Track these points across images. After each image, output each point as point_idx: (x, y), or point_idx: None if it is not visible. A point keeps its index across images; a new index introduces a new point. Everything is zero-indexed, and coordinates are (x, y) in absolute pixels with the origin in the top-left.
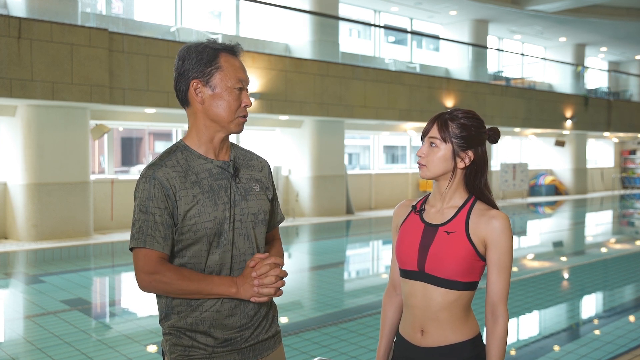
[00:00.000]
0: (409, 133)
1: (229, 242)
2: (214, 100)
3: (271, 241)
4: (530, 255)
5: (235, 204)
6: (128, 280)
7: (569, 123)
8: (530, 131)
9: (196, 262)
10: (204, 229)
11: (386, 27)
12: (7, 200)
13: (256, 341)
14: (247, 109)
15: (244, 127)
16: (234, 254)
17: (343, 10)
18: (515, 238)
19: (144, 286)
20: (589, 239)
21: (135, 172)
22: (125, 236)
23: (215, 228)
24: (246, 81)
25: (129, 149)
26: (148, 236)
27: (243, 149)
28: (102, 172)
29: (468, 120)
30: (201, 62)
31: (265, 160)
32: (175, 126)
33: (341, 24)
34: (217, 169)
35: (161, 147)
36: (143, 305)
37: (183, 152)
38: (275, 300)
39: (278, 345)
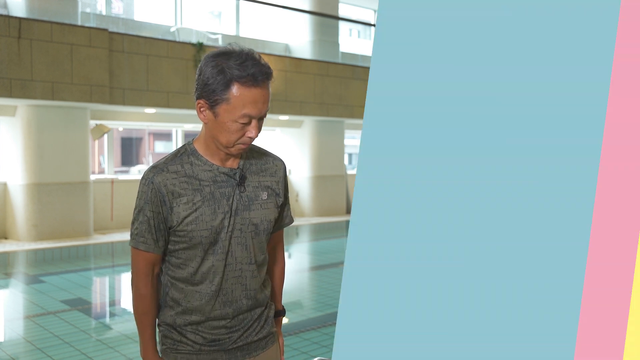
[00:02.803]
0: None
1: (224, 251)
2: (216, 124)
3: (273, 248)
4: None
5: (236, 213)
6: (128, 280)
7: None
8: None
9: (190, 266)
10: (199, 237)
11: None
12: (7, 200)
13: (245, 342)
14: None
15: None
16: (229, 262)
17: (343, 10)
18: None
19: (131, 283)
20: None
21: (135, 172)
22: (125, 236)
23: (211, 237)
24: (256, 116)
25: (129, 149)
26: (141, 238)
27: (259, 150)
28: (102, 172)
29: None
30: (210, 86)
31: (282, 162)
32: (175, 126)
33: (341, 24)
34: (222, 176)
35: (161, 147)
36: None
37: (189, 157)
38: None
39: (270, 345)
